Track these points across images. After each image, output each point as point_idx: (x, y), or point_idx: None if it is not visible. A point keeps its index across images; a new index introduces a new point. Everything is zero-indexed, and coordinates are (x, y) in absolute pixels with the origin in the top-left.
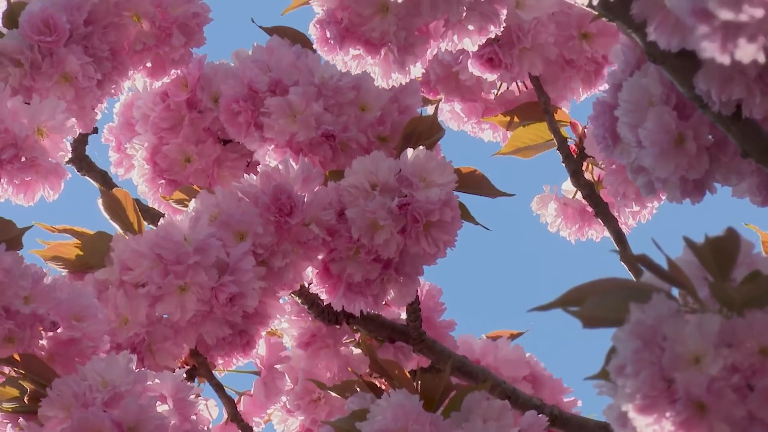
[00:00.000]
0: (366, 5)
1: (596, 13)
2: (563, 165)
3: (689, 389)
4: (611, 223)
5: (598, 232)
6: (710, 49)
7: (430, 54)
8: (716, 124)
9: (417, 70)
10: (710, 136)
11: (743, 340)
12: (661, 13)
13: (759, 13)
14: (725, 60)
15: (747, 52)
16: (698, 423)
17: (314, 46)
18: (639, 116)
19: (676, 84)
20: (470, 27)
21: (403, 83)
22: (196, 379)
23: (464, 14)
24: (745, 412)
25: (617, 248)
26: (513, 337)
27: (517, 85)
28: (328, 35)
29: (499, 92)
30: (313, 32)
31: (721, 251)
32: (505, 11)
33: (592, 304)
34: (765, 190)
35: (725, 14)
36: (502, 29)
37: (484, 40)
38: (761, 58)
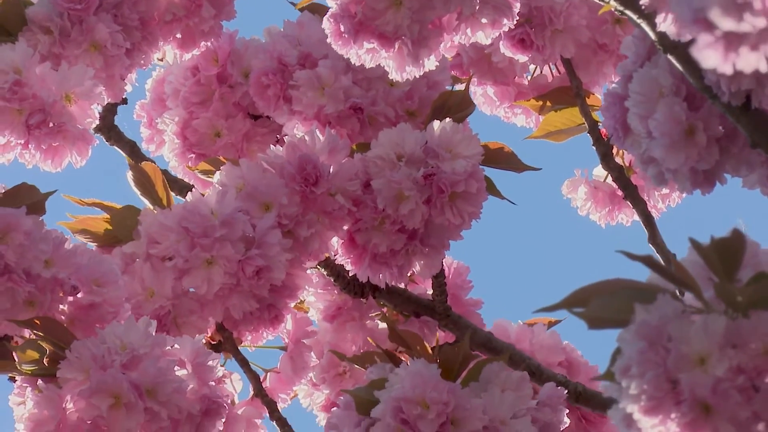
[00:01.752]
0: None
1: (606, 2)
2: (594, 148)
3: (694, 390)
4: (640, 206)
5: (628, 216)
6: (712, 59)
7: (443, 47)
8: (726, 114)
9: (431, 63)
10: (720, 127)
11: (748, 341)
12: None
13: (760, 22)
14: (727, 69)
15: (749, 61)
16: (703, 424)
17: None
18: (649, 107)
19: (685, 74)
20: (483, 20)
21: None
22: (222, 355)
23: (477, 7)
24: (750, 413)
25: (646, 231)
26: (550, 325)
27: (550, 70)
28: (343, 29)
29: (532, 76)
30: (327, 26)
31: (726, 252)
32: (518, 4)
33: (597, 305)
34: None
35: (727, 24)
36: (523, 10)
37: (497, 34)
38: (763, 68)
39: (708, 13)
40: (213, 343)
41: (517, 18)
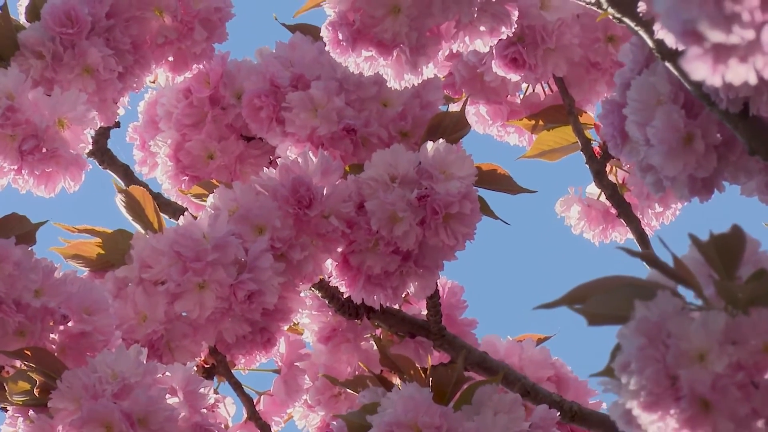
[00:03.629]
0: (378, 7)
1: (603, 10)
2: (587, 166)
3: (694, 386)
4: (634, 224)
5: (622, 234)
6: (701, 71)
7: (442, 55)
8: (724, 122)
9: (429, 71)
10: (718, 135)
11: (748, 338)
12: None
13: (749, 34)
14: (716, 81)
15: (738, 73)
16: (703, 420)
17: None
18: (647, 115)
19: (683, 82)
20: (482, 28)
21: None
22: (215, 378)
23: (475, 15)
24: (749, 410)
25: (640, 249)
26: (540, 341)
27: (543, 88)
28: (341, 37)
29: (525, 95)
30: (325, 34)
31: (726, 249)
32: (516, 12)
33: (597, 301)
34: None
35: (716, 36)
36: (515, 29)
37: (495, 41)
38: (753, 80)
39: (697, 25)
40: (206, 366)
41: (510, 37)
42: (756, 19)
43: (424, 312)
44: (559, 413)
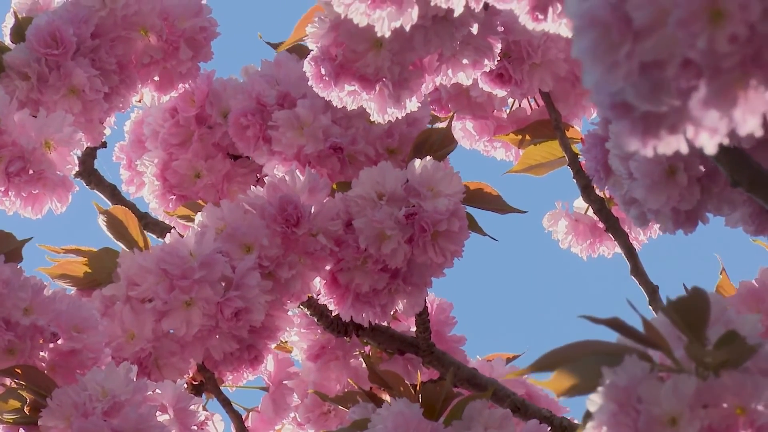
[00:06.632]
0: (360, 41)
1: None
2: (574, 181)
3: None
4: (622, 238)
5: (610, 248)
6: (633, 143)
7: (425, 88)
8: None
9: (413, 105)
10: (701, 167)
11: (720, 401)
12: None
13: (677, 103)
14: (649, 153)
15: (669, 144)
16: None
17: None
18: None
19: None
20: (464, 61)
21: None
22: (204, 395)
23: (458, 48)
24: None
25: (628, 263)
26: (509, 359)
27: (529, 103)
28: (323, 72)
29: (511, 110)
30: (308, 69)
31: (690, 311)
32: (499, 45)
33: (565, 372)
34: (758, 219)
35: (645, 106)
36: (500, 45)
37: (479, 74)
38: (684, 150)
39: (624, 97)
40: (195, 383)
41: None
42: (682, 87)
43: (413, 329)
44: (549, 428)
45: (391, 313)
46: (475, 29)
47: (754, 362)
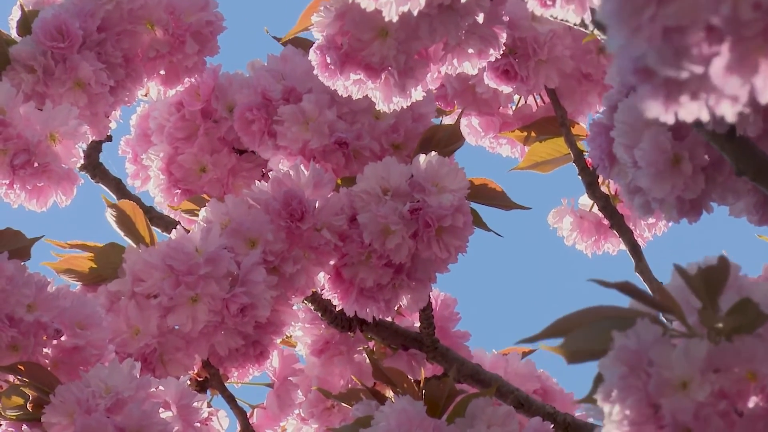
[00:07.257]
0: (365, 30)
1: (590, 32)
2: (579, 177)
3: (676, 415)
4: (627, 235)
5: (615, 245)
6: (654, 109)
7: (431, 77)
8: (711, 143)
9: (418, 94)
10: (706, 156)
11: (731, 366)
12: None
13: (698, 69)
14: (669, 119)
15: (690, 110)
16: None
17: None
18: (635, 137)
19: None
20: (470, 50)
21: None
22: (208, 391)
23: (463, 37)
24: None
25: (632, 260)
26: (525, 354)
27: (535, 100)
28: (329, 61)
29: (517, 107)
30: (313, 58)
31: (711, 280)
32: (504, 35)
33: (575, 338)
34: (762, 209)
35: (667, 72)
36: (506, 41)
37: (484, 63)
38: (705, 117)
39: (647, 62)
40: (199, 379)
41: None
42: (704, 53)
43: (417, 324)
44: (552, 425)
45: (395, 308)
46: (480, 18)
47: (767, 329)
